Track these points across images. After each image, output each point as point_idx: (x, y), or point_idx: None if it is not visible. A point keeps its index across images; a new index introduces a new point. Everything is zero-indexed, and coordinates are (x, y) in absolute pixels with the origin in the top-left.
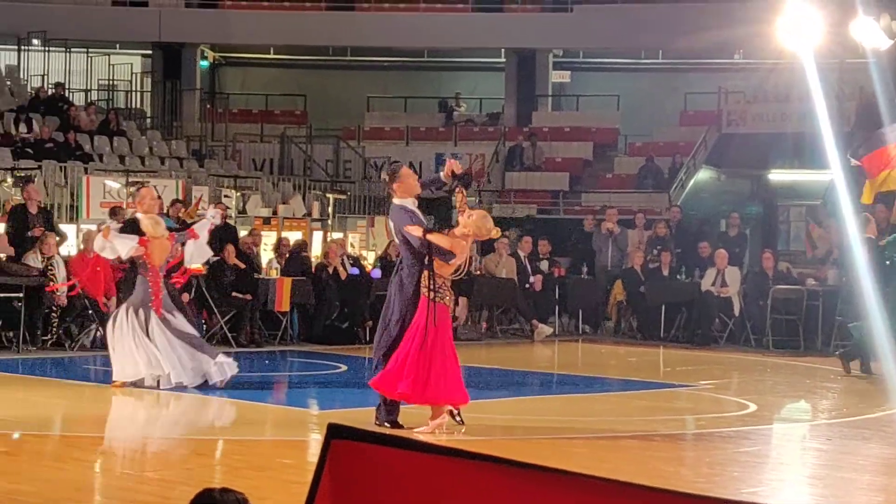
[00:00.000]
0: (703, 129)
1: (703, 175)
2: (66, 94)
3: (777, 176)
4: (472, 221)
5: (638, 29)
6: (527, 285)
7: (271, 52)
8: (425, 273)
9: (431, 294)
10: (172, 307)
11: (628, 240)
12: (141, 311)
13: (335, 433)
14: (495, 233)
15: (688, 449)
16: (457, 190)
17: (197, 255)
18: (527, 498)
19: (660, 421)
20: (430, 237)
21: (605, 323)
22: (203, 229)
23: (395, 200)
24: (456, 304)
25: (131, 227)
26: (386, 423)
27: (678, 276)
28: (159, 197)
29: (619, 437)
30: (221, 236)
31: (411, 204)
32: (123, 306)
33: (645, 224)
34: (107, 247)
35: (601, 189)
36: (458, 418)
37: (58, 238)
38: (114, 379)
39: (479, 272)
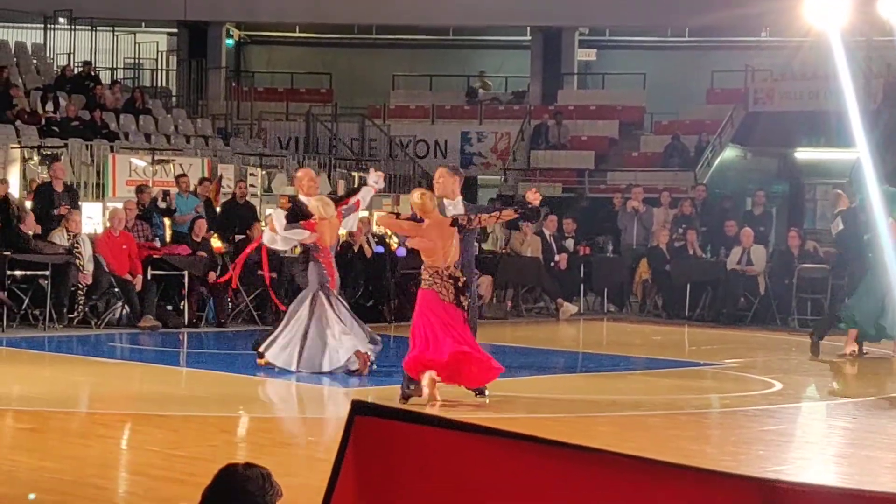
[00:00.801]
0: (729, 107)
1: (730, 153)
2: (93, 73)
3: (803, 154)
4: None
5: (664, 7)
6: (552, 264)
7: (297, 30)
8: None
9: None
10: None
11: (654, 218)
12: (321, 296)
13: (359, 409)
14: (417, 196)
15: (713, 427)
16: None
17: (351, 221)
18: (551, 474)
19: (685, 399)
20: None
21: (631, 301)
22: (368, 195)
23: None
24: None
25: (297, 211)
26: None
27: (704, 255)
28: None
29: (643, 415)
30: (244, 215)
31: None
32: (309, 295)
33: (670, 202)
34: (277, 240)
35: (627, 167)
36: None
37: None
38: (263, 352)
39: (504, 251)
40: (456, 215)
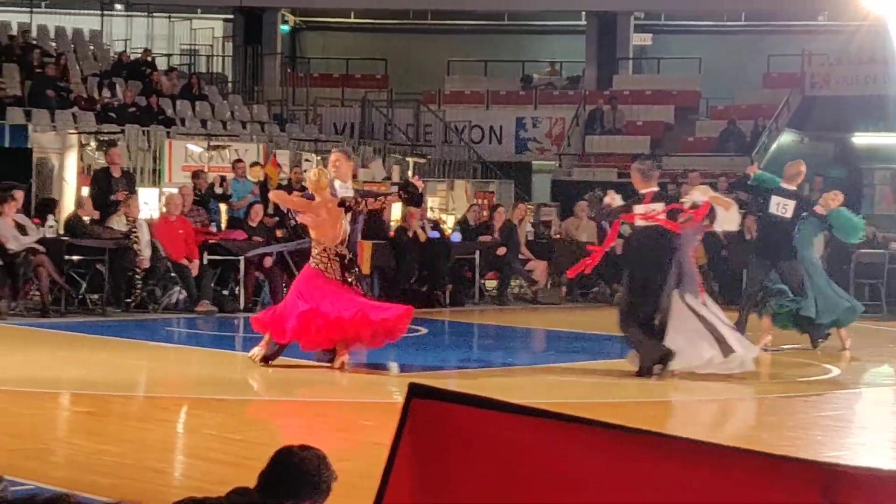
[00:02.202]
0: (785, 91)
1: (786, 138)
2: (149, 59)
3: (861, 139)
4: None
5: None
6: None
7: (352, 15)
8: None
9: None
10: None
11: None
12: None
13: (416, 392)
14: (313, 173)
15: (770, 413)
16: None
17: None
18: (609, 458)
19: (740, 385)
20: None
21: None
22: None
23: None
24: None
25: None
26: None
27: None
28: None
29: (698, 400)
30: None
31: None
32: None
33: (727, 188)
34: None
35: (682, 153)
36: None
37: None
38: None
39: (558, 235)
40: (344, 197)
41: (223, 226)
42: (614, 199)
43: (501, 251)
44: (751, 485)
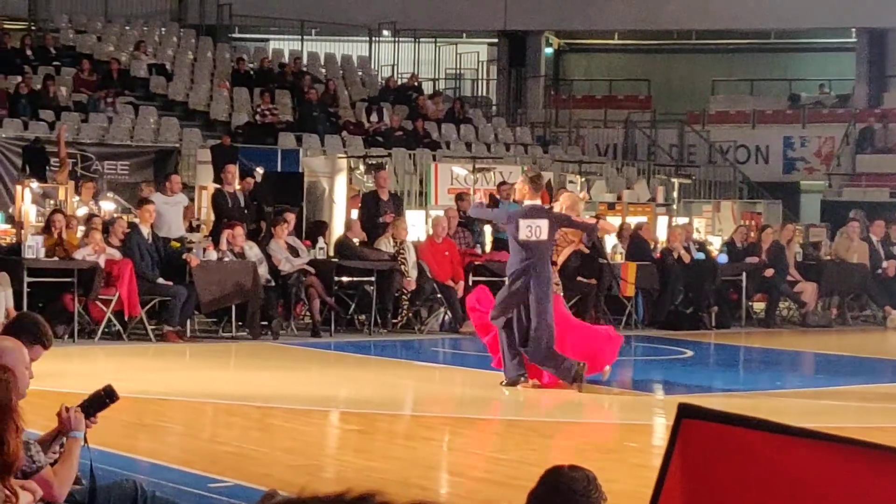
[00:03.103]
0: None
1: None
2: (416, 84)
3: None
4: None
5: None
6: (879, 270)
7: (615, 37)
8: None
9: None
10: None
11: None
12: None
13: (686, 412)
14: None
15: None
16: None
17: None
18: (887, 482)
19: None
20: None
21: None
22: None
23: None
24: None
25: None
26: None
27: None
28: None
29: None
30: None
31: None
32: None
33: None
34: None
35: None
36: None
37: None
38: None
39: (829, 257)
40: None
41: (488, 247)
42: None
43: (769, 273)
44: None
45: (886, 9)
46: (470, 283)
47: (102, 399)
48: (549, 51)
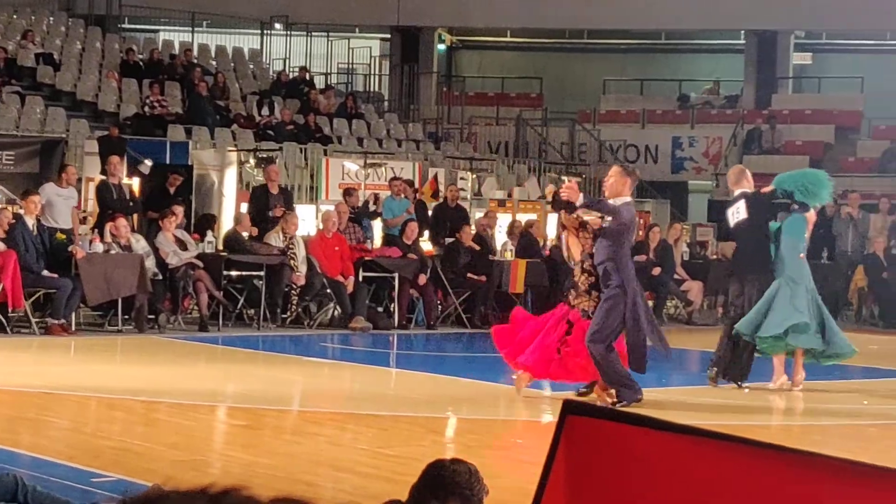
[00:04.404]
0: None
1: None
2: (307, 78)
3: None
4: None
5: (883, 9)
6: None
7: (508, 34)
8: None
9: None
10: None
11: (870, 225)
12: None
13: (571, 409)
14: None
15: None
16: None
17: None
18: (767, 479)
19: None
20: None
21: (846, 310)
22: None
23: None
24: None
25: None
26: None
27: None
28: None
29: (859, 425)
30: (455, 218)
31: None
32: None
33: (889, 209)
34: None
35: (843, 173)
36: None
37: None
38: None
39: (715, 256)
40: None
41: (378, 242)
42: None
43: (656, 271)
44: None
45: (775, 11)
46: (360, 279)
47: None
48: (441, 47)
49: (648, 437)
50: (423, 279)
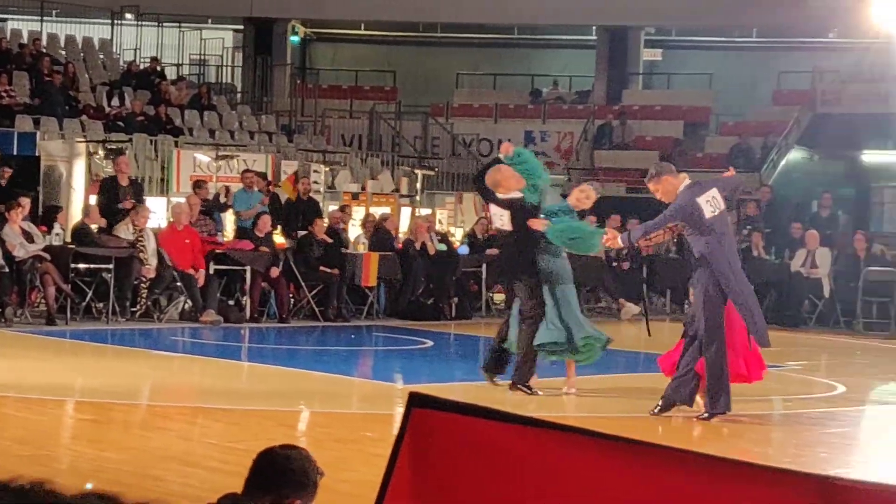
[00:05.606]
0: (796, 108)
1: (796, 155)
2: (159, 69)
3: (871, 157)
4: None
5: (732, 7)
6: (614, 264)
7: (362, 27)
8: None
9: None
10: None
11: None
12: None
13: (416, 402)
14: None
15: (775, 430)
16: None
17: None
18: (608, 469)
19: (747, 401)
20: None
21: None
22: None
23: None
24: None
25: None
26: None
27: (768, 257)
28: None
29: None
30: (308, 211)
31: None
32: None
33: (735, 204)
34: None
35: (691, 168)
36: None
37: None
38: None
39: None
40: None
41: (230, 236)
42: None
43: None
44: (749, 497)
45: (626, 8)
46: (211, 272)
47: None
48: (295, 39)
49: (492, 428)
50: (275, 272)
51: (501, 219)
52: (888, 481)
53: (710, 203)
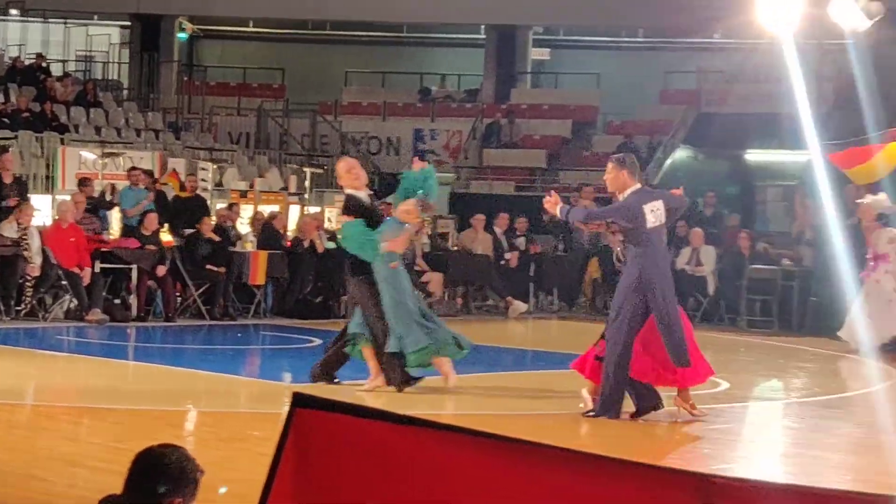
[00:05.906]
0: (682, 108)
1: (681, 154)
2: (44, 65)
3: (755, 156)
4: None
5: (618, 7)
6: (502, 262)
7: (250, 24)
8: None
9: None
10: None
11: None
12: None
13: (300, 402)
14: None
15: (658, 426)
16: None
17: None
18: (493, 469)
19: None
20: None
21: (581, 300)
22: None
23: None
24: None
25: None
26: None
27: None
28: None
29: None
30: (195, 209)
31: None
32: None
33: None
34: None
35: (579, 167)
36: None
37: None
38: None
39: (455, 248)
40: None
41: (116, 234)
42: None
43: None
44: (630, 495)
45: (514, 7)
46: (97, 270)
47: None
48: (182, 36)
49: (376, 428)
50: (161, 270)
51: None
52: (769, 478)
53: (654, 213)
